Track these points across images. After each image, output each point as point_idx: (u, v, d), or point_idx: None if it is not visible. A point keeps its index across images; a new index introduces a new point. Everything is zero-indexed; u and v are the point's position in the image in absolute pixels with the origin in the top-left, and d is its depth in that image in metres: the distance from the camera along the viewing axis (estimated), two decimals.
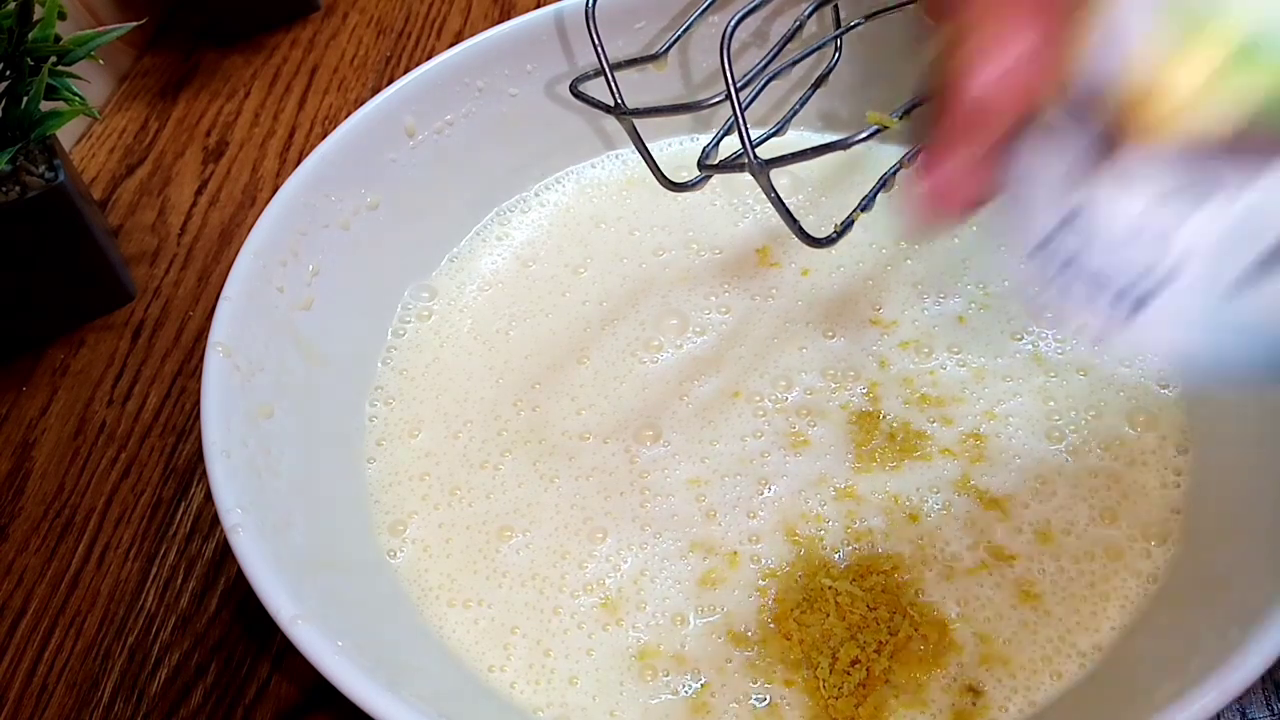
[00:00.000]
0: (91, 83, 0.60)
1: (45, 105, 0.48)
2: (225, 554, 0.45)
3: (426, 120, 0.48)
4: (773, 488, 0.41)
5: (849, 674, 0.36)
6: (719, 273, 0.49)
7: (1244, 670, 0.29)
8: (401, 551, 0.41)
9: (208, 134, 0.64)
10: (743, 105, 0.36)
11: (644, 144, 0.43)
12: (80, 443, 0.50)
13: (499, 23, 0.49)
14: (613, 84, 0.43)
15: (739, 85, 0.36)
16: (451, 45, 0.48)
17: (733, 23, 0.37)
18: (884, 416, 0.43)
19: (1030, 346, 0.44)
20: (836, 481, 0.41)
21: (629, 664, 0.37)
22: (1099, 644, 0.36)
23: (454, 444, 0.44)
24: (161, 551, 0.46)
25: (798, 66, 0.47)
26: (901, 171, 0.42)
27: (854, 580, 0.38)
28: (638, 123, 0.44)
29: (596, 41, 0.43)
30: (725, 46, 0.36)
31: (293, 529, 0.37)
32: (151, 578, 0.45)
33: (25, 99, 0.48)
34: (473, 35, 0.49)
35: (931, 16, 0.34)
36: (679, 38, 0.47)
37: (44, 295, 0.53)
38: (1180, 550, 0.38)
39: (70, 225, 0.51)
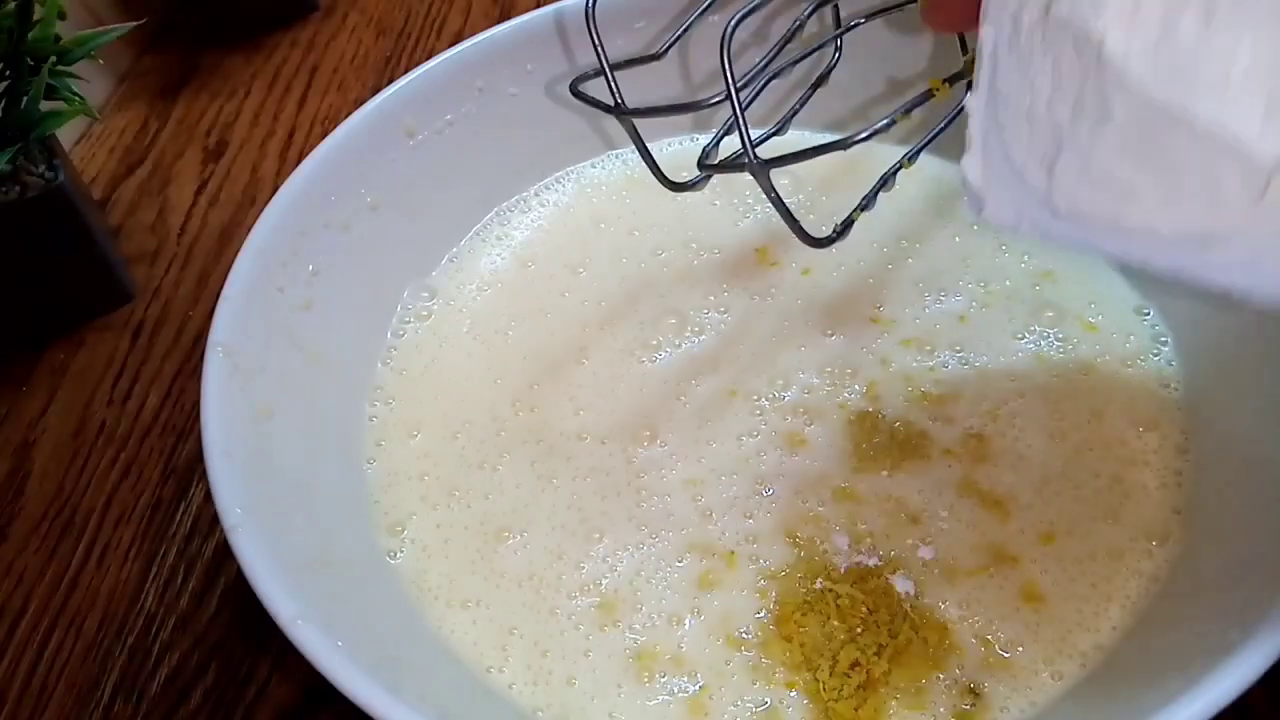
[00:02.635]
0: (91, 82, 0.60)
1: (45, 105, 0.48)
2: (225, 554, 0.45)
3: (426, 120, 0.48)
4: (771, 488, 0.41)
5: (849, 676, 0.36)
6: (718, 272, 0.48)
7: (1244, 670, 0.29)
8: (401, 552, 0.41)
9: (208, 134, 0.64)
10: (743, 105, 0.36)
11: (644, 144, 0.43)
12: (80, 443, 0.50)
13: (499, 22, 0.49)
14: (613, 84, 0.43)
15: (739, 85, 0.36)
16: (451, 45, 0.48)
17: (733, 22, 0.37)
18: (884, 416, 0.43)
19: (1033, 345, 0.44)
20: (836, 482, 0.41)
21: (626, 665, 0.37)
22: (1100, 644, 0.36)
23: (452, 444, 0.44)
24: (161, 551, 0.46)
25: (798, 66, 0.47)
26: (902, 171, 0.42)
27: (854, 583, 0.38)
28: (638, 122, 0.44)
29: (596, 41, 0.43)
30: (725, 46, 0.36)
31: (293, 529, 0.37)
32: (151, 578, 0.45)
33: (25, 99, 0.48)
34: (473, 35, 0.49)
35: (930, 24, 0.34)
36: (679, 37, 0.47)
37: (44, 295, 0.53)
38: (1180, 550, 0.38)
39: (70, 225, 0.51)
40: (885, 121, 0.35)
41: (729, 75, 0.35)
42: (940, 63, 0.49)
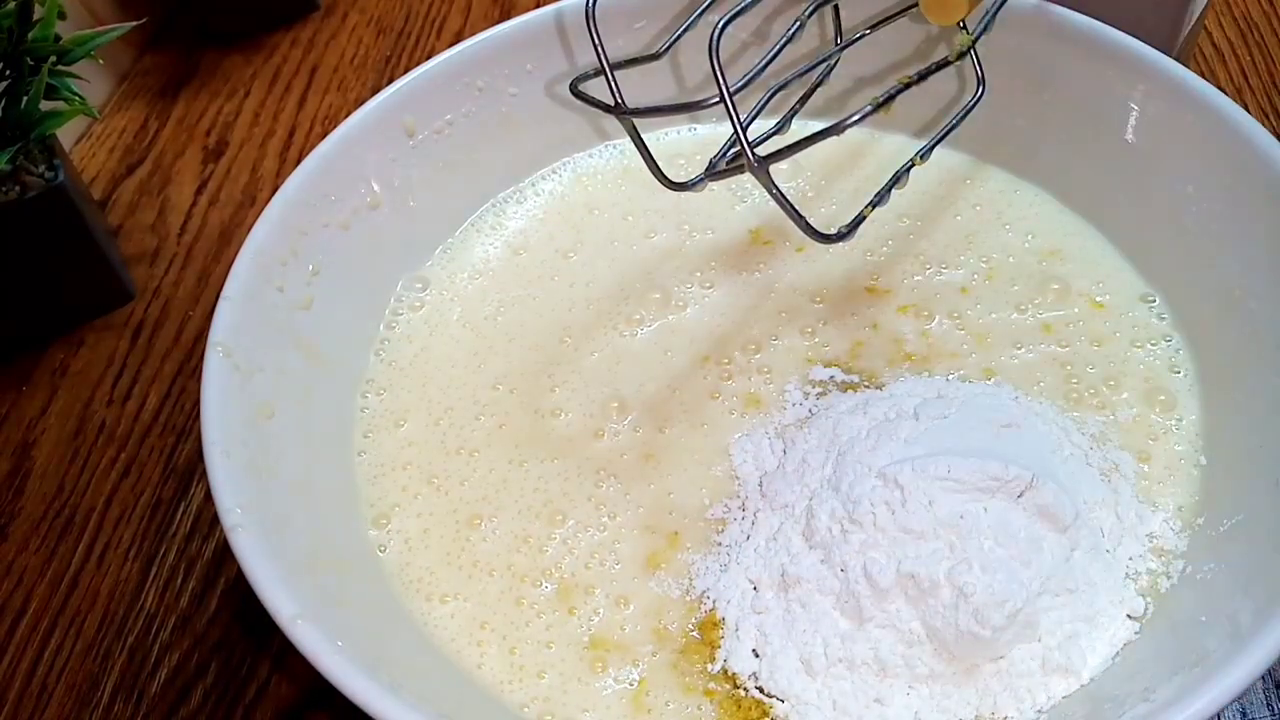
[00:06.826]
0: (91, 82, 0.60)
1: (45, 105, 0.48)
2: (225, 554, 0.45)
3: (426, 120, 0.48)
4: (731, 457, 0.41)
5: None
6: (710, 251, 0.48)
7: (1244, 670, 0.29)
8: (388, 545, 0.41)
9: (208, 134, 0.64)
10: (738, 108, 0.36)
11: (644, 143, 0.43)
12: (80, 443, 0.50)
13: (499, 22, 0.49)
14: (613, 84, 0.43)
15: (738, 87, 0.36)
16: (451, 45, 0.48)
17: (720, 26, 0.37)
18: (860, 372, 0.43)
19: (1042, 315, 0.44)
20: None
21: (581, 655, 0.37)
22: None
23: (434, 431, 0.43)
24: (161, 551, 0.46)
25: (796, 66, 0.47)
26: (915, 169, 0.42)
27: None
28: (637, 122, 0.44)
29: (596, 41, 0.43)
30: (714, 51, 0.36)
31: (292, 528, 0.37)
32: (151, 578, 0.45)
33: (25, 99, 0.48)
34: (473, 35, 0.49)
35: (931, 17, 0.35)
36: (679, 37, 0.47)
37: (44, 295, 0.53)
38: (1186, 547, 0.38)
39: (70, 225, 0.51)
40: (882, 97, 0.37)
41: (720, 78, 0.35)
42: (941, 51, 0.49)
